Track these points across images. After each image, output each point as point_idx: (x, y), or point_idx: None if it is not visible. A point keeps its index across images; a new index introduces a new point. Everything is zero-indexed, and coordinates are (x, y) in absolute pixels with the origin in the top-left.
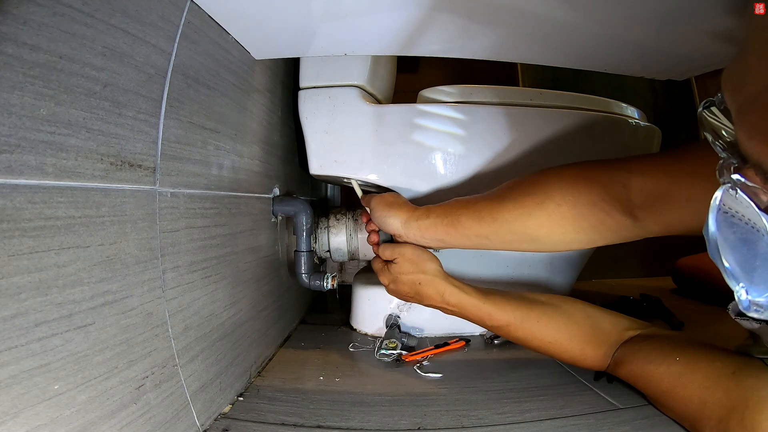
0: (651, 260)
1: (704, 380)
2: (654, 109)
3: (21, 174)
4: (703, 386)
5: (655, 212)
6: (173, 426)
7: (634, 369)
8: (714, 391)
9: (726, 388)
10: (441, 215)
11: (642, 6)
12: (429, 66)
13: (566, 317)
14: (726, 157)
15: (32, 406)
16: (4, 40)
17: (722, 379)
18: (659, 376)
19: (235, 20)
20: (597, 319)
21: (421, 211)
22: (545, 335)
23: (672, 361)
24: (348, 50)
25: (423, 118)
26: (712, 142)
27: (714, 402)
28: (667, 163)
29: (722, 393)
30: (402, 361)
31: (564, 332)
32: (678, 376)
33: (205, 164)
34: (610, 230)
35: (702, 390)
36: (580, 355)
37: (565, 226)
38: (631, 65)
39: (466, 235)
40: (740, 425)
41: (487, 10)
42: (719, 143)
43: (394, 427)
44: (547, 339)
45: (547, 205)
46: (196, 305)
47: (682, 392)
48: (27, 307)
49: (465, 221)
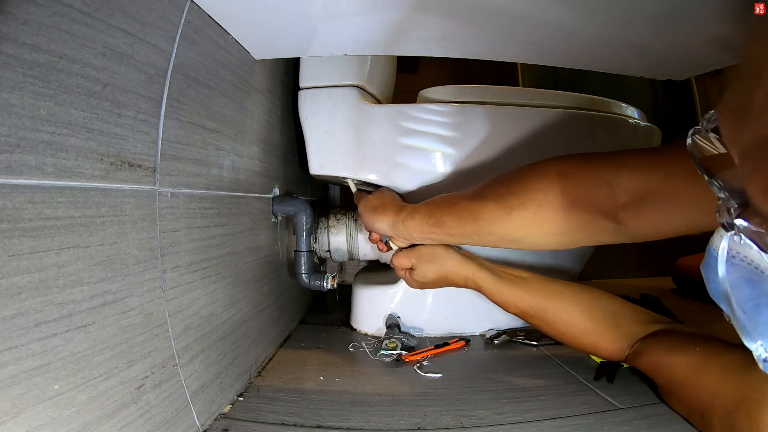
0: (651, 260)
1: (718, 371)
2: (654, 109)
3: (21, 174)
4: (716, 377)
5: (642, 213)
6: (173, 426)
7: (653, 358)
8: (725, 383)
9: (736, 380)
10: (426, 215)
11: (642, 6)
12: (429, 66)
13: (583, 313)
14: (725, 198)
15: (32, 406)
16: (4, 40)
17: (734, 371)
18: (676, 365)
19: (235, 20)
20: (617, 316)
21: (407, 212)
22: (559, 327)
23: (692, 351)
24: (348, 50)
25: (423, 118)
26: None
27: (724, 394)
28: (660, 159)
29: (732, 385)
30: (402, 361)
31: (578, 327)
32: (695, 366)
33: (205, 164)
34: (593, 232)
35: (714, 382)
36: (593, 347)
37: (547, 227)
38: (631, 65)
39: (451, 235)
40: (746, 418)
41: (487, 10)
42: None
43: (394, 427)
44: (561, 330)
45: (529, 206)
46: (196, 305)
47: (696, 382)
48: (27, 307)
49: (448, 222)
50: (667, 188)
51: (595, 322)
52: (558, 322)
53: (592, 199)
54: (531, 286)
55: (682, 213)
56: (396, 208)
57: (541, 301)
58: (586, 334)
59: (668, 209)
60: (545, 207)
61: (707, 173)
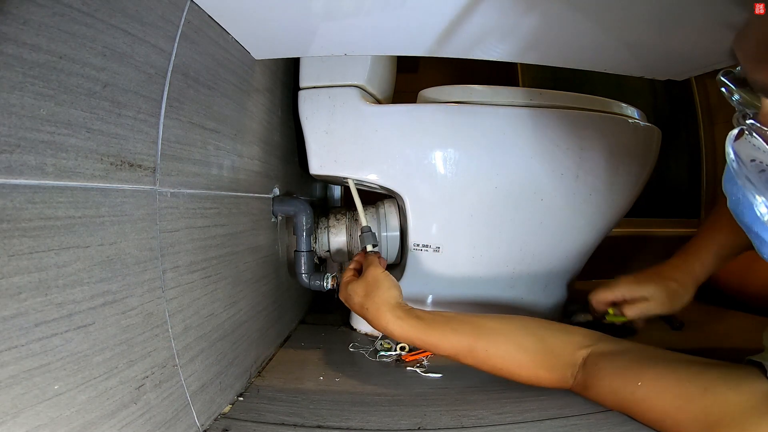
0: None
1: (674, 401)
2: (654, 109)
3: (21, 174)
4: (675, 407)
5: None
6: (173, 426)
7: (601, 395)
8: (688, 411)
9: (702, 406)
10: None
11: (642, 6)
12: (429, 66)
13: (515, 345)
14: (741, 109)
15: (32, 406)
16: (4, 40)
17: (695, 398)
18: (626, 402)
19: (235, 20)
20: (548, 343)
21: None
22: (495, 363)
23: (634, 388)
24: (348, 50)
25: (423, 119)
26: (728, 96)
27: (691, 421)
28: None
29: (699, 411)
30: (402, 361)
31: (512, 361)
32: (644, 401)
33: (205, 164)
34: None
35: (674, 410)
36: (535, 379)
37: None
38: (631, 65)
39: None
40: None
41: (486, 10)
42: (735, 98)
43: (394, 427)
44: (498, 366)
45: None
46: (196, 305)
47: (652, 416)
48: (27, 307)
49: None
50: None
51: (528, 354)
52: (491, 359)
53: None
54: (455, 325)
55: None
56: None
57: (470, 339)
58: (522, 366)
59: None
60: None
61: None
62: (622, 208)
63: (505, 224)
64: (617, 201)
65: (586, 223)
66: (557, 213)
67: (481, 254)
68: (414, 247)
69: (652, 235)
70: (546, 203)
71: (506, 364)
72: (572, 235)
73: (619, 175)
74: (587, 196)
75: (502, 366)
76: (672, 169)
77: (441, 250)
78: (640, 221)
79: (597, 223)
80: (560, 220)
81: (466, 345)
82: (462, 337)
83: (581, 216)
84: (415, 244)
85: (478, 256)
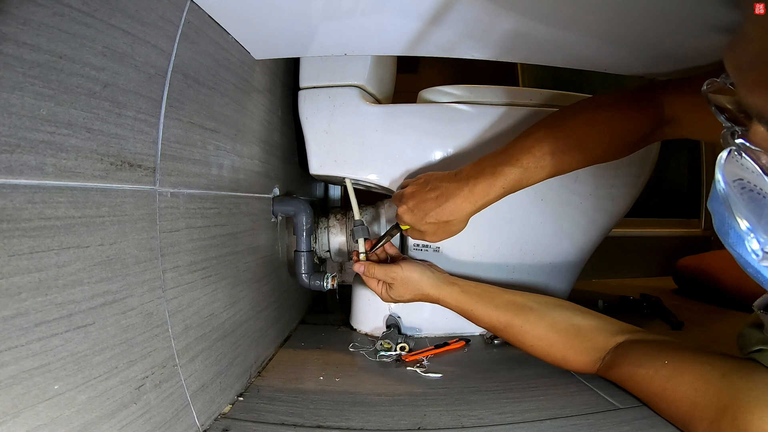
0: (651, 260)
1: (694, 382)
2: None
3: (21, 174)
4: (693, 388)
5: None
6: (173, 426)
7: (624, 373)
8: (704, 393)
9: (717, 389)
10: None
11: (642, 6)
12: (429, 66)
13: (549, 326)
14: (730, 126)
15: (32, 406)
16: (4, 40)
17: (712, 381)
18: (649, 379)
19: (235, 20)
20: (582, 328)
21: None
22: (527, 340)
23: (660, 365)
24: (348, 50)
25: (423, 118)
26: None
27: (705, 403)
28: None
29: (713, 394)
30: (402, 361)
31: (545, 341)
32: (667, 379)
33: (205, 164)
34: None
35: (692, 392)
36: (562, 360)
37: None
38: (631, 65)
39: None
40: (732, 425)
41: (486, 10)
42: (723, 115)
43: (394, 427)
44: (529, 343)
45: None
46: (196, 305)
47: (671, 394)
48: (27, 307)
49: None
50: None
51: (561, 335)
52: (525, 336)
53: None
54: (498, 301)
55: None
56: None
57: (509, 316)
58: (553, 347)
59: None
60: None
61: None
62: (622, 208)
63: (505, 224)
64: (617, 201)
65: (586, 223)
66: (557, 213)
67: (481, 254)
68: (414, 247)
69: (652, 235)
70: (546, 203)
71: (539, 342)
72: (572, 236)
73: (619, 176)
74: (587, 197)
75: (533, 343)
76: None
77: (441, 250)
78: (640, 221)
79: (597, 224)
80: (560, 220)
81: (504, 321)
82: (501, 314)
83: (581, 216)
84: (415, 245)
85: (478, 256)
